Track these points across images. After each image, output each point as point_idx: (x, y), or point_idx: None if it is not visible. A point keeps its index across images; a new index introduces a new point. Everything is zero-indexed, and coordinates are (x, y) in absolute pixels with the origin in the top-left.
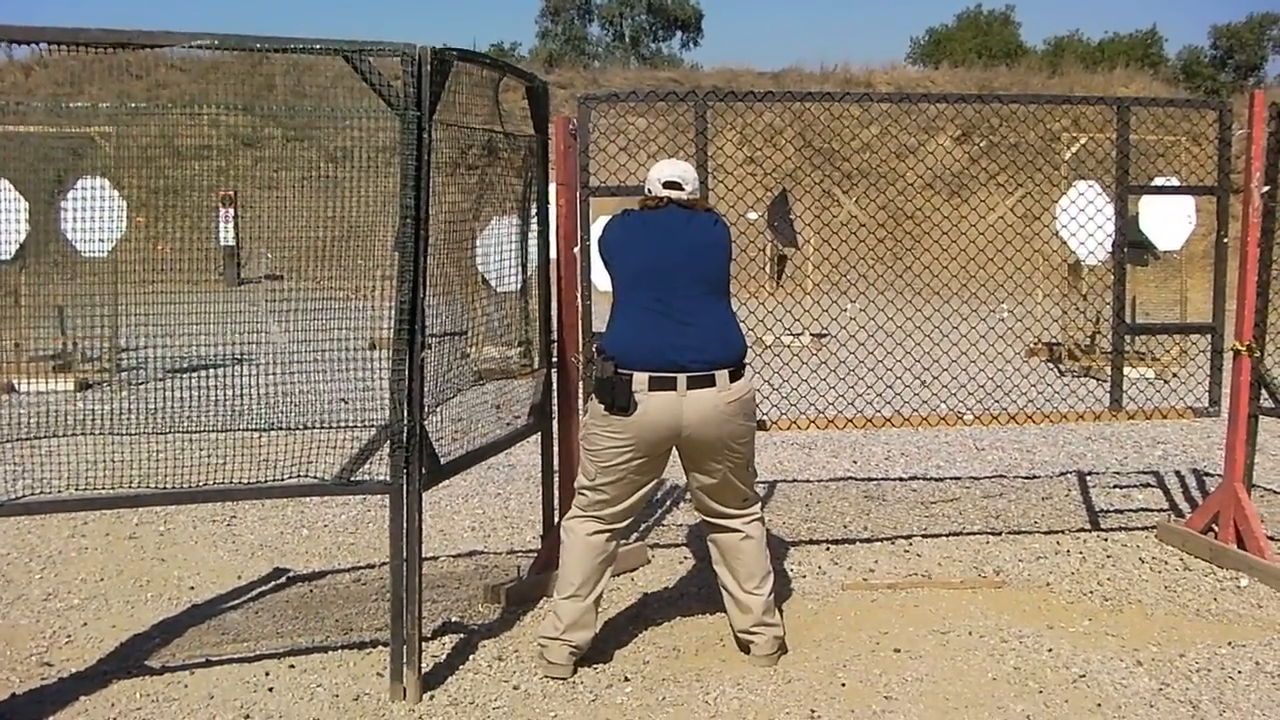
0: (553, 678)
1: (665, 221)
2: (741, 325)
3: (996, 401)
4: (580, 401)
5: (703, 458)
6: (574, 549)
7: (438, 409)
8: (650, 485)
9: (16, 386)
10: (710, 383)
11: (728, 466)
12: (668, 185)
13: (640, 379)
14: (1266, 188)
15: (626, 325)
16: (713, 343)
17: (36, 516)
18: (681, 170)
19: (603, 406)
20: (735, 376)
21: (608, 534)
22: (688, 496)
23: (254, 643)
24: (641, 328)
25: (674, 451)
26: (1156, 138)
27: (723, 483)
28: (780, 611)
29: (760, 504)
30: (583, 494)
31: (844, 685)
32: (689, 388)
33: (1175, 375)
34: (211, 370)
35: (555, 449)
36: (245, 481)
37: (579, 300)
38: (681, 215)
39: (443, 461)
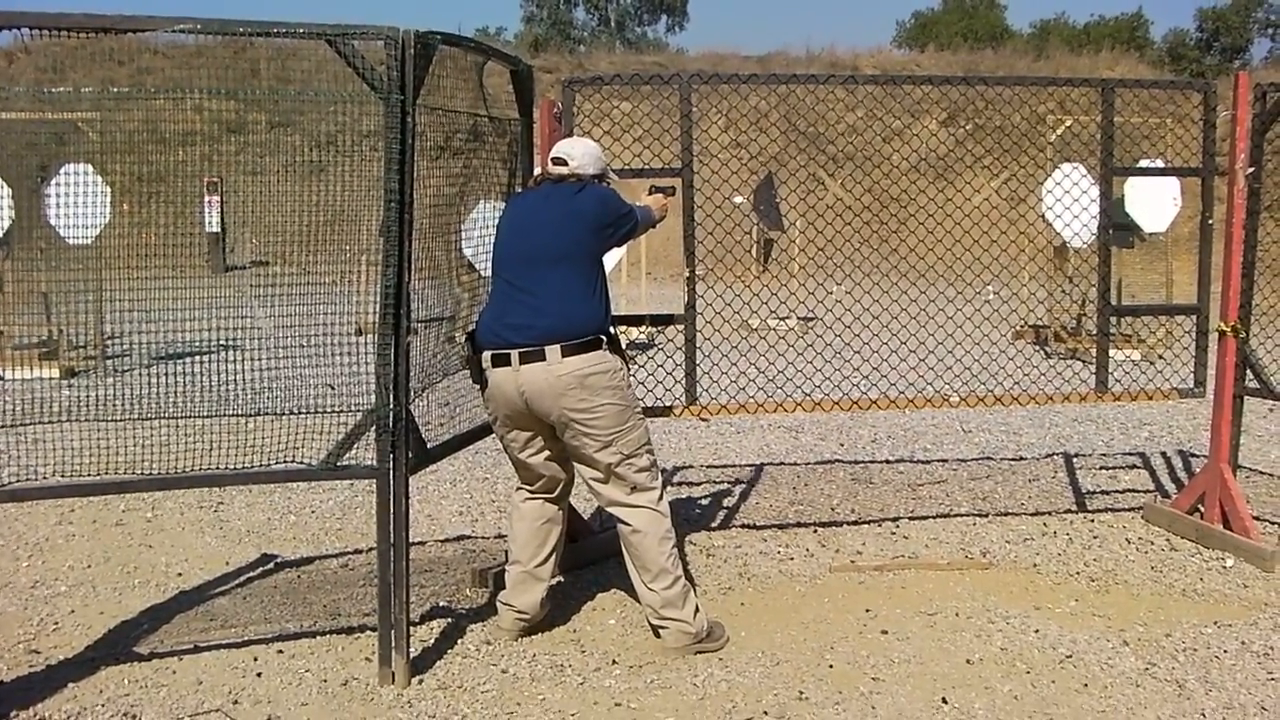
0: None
1: (530, 200)
2: (714, 309)
3: (983, 384)
4: None
5: (558, 433)
6: (512, 516)
7: (424, 394)
8: (538, 456)
9: (2, 374)
10: (540, 357)
11: (587, 446)
12: (554, 162)
13: (486, 357)
14: (1251, 169)
15: (487, 306)
16: (549, 316)
17: (23, 503)
18: (569, 146)
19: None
20: (573, 351)
21: (540, 501)
22: (674, 480)
23: (242, 628)
24: (492, 307)
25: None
26: (1142, 120)
27: (591, 464)
28: (692, 601)
29: (658, 498)
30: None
31: (832, 667)
32: (521, 362)
33: (1161, 357)
34: (198, 357)
35: None
36: (232, 467)
37: None
38: (545, 191)
39: (429, 446)
